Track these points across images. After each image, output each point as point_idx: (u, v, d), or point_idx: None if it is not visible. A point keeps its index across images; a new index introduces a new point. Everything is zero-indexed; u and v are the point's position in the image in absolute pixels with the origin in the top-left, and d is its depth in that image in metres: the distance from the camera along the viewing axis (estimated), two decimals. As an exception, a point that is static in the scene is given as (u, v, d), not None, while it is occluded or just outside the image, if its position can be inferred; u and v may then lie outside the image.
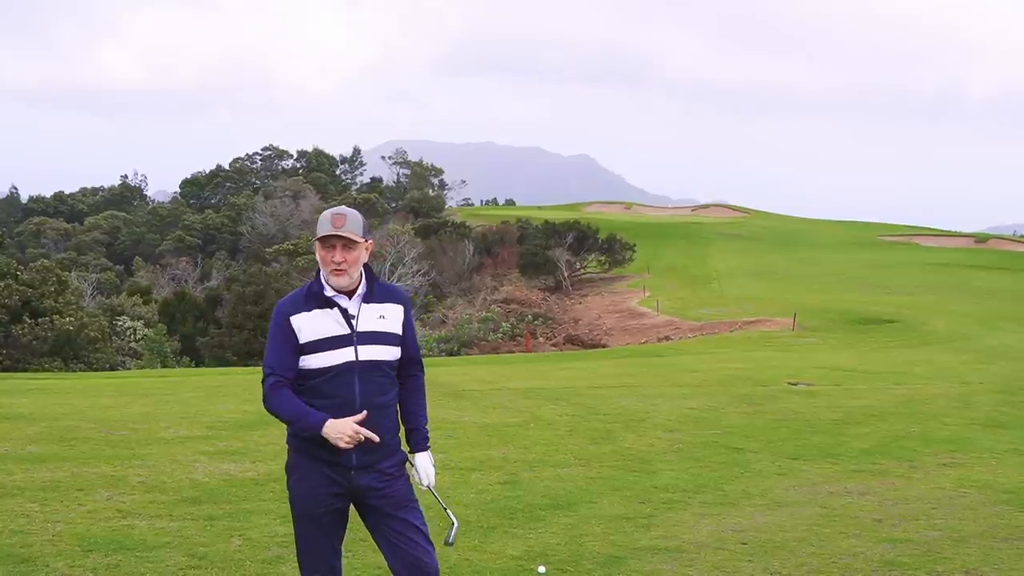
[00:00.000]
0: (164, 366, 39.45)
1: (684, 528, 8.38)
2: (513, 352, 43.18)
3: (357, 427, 4.86)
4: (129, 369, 37.99)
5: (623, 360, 27.55)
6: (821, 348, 30.79)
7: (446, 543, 5.26)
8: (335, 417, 4.88)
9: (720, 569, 7.31)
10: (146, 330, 45.72)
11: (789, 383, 19.29)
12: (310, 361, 5.00)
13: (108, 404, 15.11)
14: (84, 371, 33.26)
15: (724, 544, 7.91)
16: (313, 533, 5.10)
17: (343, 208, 5.09)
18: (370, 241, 5.13)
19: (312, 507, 5.06)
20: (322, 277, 5.08)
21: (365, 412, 4.94)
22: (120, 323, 45.29)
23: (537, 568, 7.07)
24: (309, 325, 5.01)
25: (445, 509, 5.27)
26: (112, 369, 36.21)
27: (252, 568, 7.01)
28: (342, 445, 4.84)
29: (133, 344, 44.34)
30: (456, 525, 5.22)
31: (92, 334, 36.89)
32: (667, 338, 41.03)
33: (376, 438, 4.91)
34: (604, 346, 43.60)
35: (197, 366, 40.19)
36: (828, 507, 9.22)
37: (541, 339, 48.95)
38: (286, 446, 5.16)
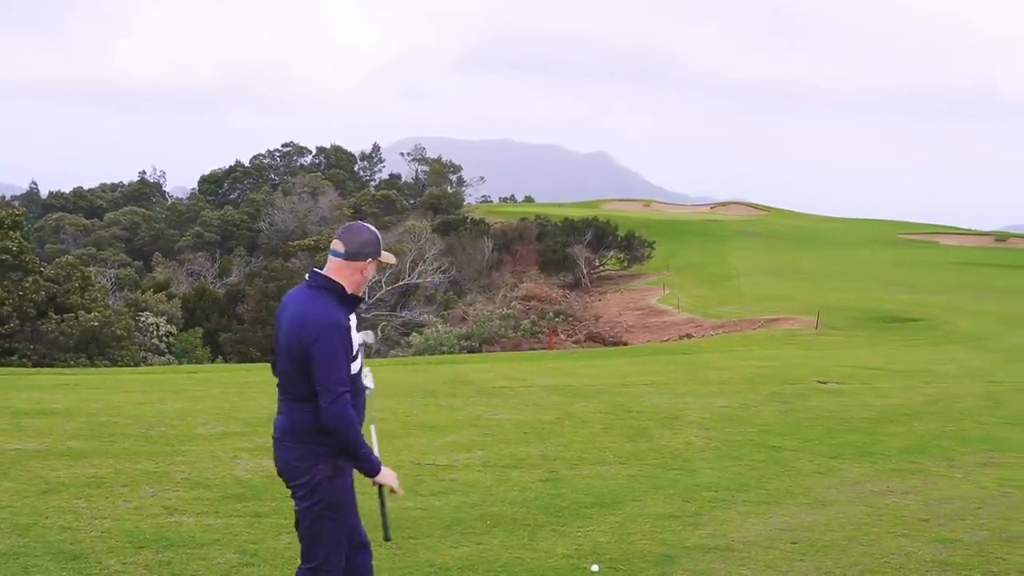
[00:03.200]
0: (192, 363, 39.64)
1: (732, 527, 8.38)
2: (535, 349, 43.15)
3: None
4: (151, 365, 38.07)
5: (648, 358, 27.51)
6: (846, 346, 30.67)
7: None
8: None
9: (773, 568, 7.30)
10: (169, 327, 45.80)
11: (818, 381, 19.22)
12: (353, 367, 5.34)
13: (142, 400, 15.12)
14: (109, 367, 33.35)
15: (774, 543, 7.90)
16: (354, 520, 5.55)
17: None
18: None
19: (354, 498, 5.51)
20: (346, 287, 5.36)
21: None
22: (143, 319, 45.36)
23: (591, 567, 7.07)
24: (353, 333, 5.39)
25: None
26: (136, 365, 36.30)
27: (304, 565, 7.01)
28: (396, 486, 5.52)
29: (156, 340, 44.44)
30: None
31: (118, 331, 37.03)
32: (688, 336, 40.92)
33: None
34: (625, 343, 43.52)
35: (224, 362, 40.30)
36: (873, 506, 9.20)
37: (562, 336, 48.91)
38: (315, 453, 5.35)
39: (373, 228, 5.48)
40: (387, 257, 5.45)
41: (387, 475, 5.43)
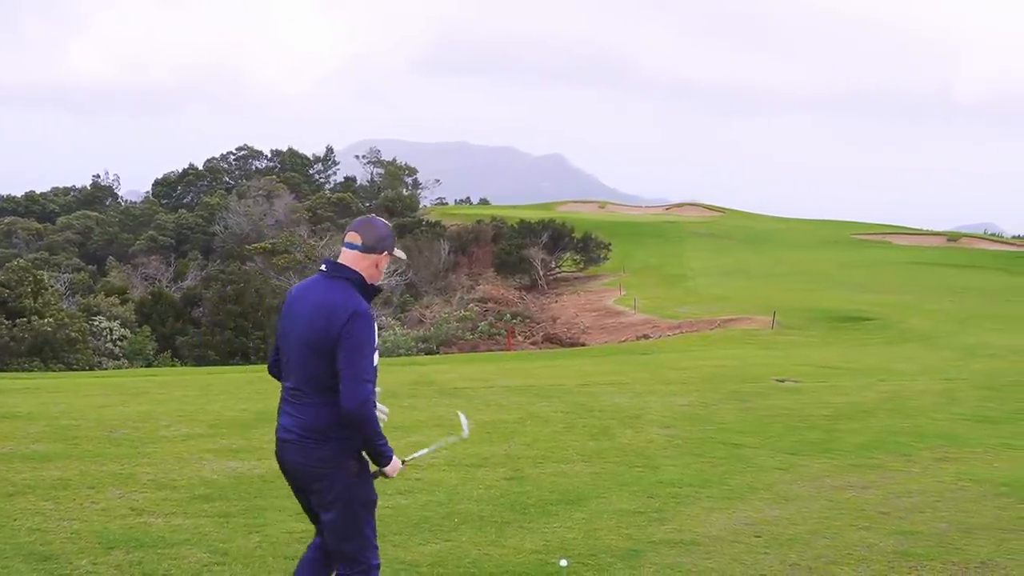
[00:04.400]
0: (148, 365, 39.35)
1: (696, 522, 8.49)
2: (492, 351, 43.22)
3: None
4: (106, 369, 37.82)
5: (607, 358, 27.64)
6: (802, 345, 30.94)
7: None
8: None
9: (738, 561, 7.41)
10: (123, 330, 45.47)
11: (776, 380, 19.42)
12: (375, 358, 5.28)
13: (103, 403, 15.09)
14: (64, 371, 33.13)
15: (738, 537, 8.02)
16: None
17: None
18: None
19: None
20: (366, 279, 5.32)
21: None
22: (96, 323, 45.00)
23: (559, 562, 7.15)
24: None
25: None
26: (91, 369, 36.05)
27: (277, 564, 7.07)
28: (393, 475, 5.44)
29: (110, 345, 44.10)
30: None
31: (72, 335, 36.74)
32: (646, 336, 41.08)
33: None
34: (583, 344, 43.66)
35: (180, 365, 40.08)
36: (834, 500, 9.35)
37: (520, 338, 48.99)
38: (344, 450, 5.21)
39: (388, 223, 5.49)
40: (399, 252, 5.51)
41: (396, 466, 5.36)
